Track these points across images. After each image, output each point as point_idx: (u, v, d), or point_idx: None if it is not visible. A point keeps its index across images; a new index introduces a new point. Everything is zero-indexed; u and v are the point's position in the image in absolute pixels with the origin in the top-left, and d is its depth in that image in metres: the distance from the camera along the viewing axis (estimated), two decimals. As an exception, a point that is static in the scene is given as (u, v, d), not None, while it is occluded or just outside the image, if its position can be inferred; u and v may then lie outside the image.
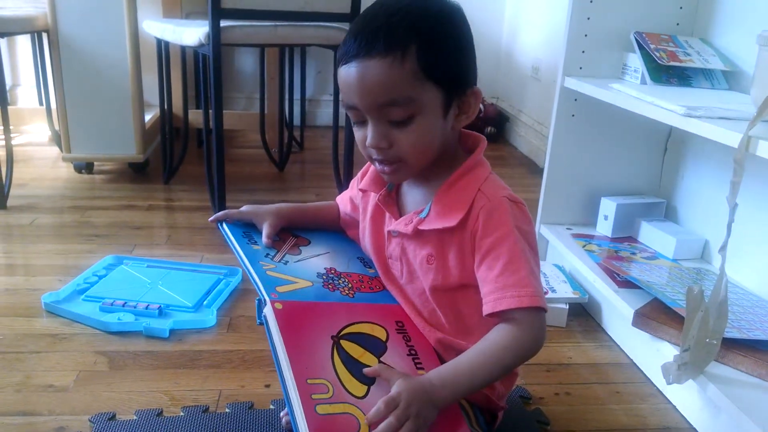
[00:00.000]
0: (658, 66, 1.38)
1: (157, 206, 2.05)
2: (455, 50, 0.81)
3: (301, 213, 1.03)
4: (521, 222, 0.81)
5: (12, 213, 1.90)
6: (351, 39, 0.79)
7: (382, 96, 0.78)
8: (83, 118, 2.14)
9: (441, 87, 0.79)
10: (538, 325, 0.78)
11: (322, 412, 0.70)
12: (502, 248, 0.79)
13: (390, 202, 0.92)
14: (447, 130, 0.83)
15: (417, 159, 0.82)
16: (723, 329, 0.98)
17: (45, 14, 2.04)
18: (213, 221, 0.99)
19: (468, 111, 0.84)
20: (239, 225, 0.98)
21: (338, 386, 0.74)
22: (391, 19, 0.78)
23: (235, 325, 1.33)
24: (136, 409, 1.04)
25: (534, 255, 0.82)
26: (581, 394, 1.16)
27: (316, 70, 3.22)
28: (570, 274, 1.50)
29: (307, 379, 0.73)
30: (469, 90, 0.83)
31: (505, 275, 0.78)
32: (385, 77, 0.77)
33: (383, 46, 0.76)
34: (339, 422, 0.71)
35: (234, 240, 0.94)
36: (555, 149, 1.57)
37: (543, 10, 2.87)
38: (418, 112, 0.79)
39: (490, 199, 0.81)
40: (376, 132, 0.80)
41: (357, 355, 0.79)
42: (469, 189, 0.83)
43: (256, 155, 2.63)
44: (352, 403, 0.73)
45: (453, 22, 0.81)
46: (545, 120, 2.71)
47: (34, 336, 1.25)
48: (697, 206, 1.47)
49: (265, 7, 1.73)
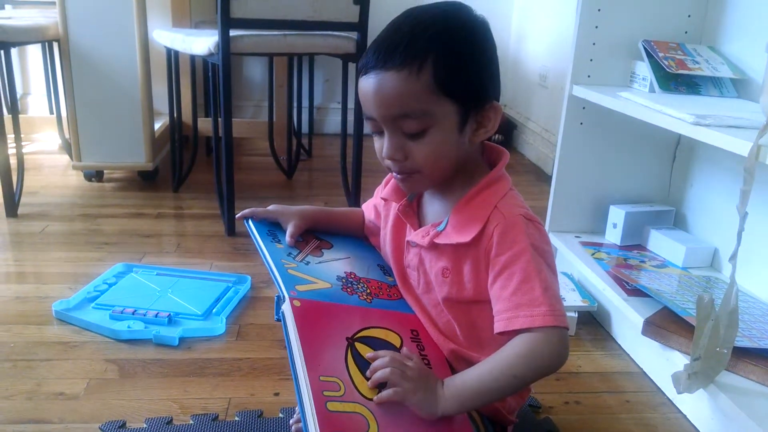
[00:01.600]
0: (666, 74, 1.38)
1: (167, 214, 2.06)
2: (474, 65, 0.80)
3: (326, 216, 1.03)
4: (537, 240, 0.80)
5: (23, 221, 1.92)
6: (371, 50, 0.80)
7: (396, 108, 0.78)
8: (93, 127, 2.15)
9: (456, 102, 0.79)
10: (556, 340, 0.76)
11: (332, 409, 0.71)
12: (516, 266, 0.78)
13: (410, 212, 0.91)
14: (464, 143, 0.83)
15: (432, 171, 0.83)
16: (734, 338, 0.97)
17: (56, 24, 2.06)
18: (240, 218, 1.00)
19: (487, 125, 0.83)
20: (265, 223, 1.00)
21: (350, 386, 0.74)
22: (412, 32, 0.78)
23: (244, 333, 1.33)
24: (146, 417, 1.05)
25: (552, 274, 0.80)
26: (591, 403, 1.16)
27: (324, 79, 3.24)
28: (579, 282, 1.50)
29: (320, 376, 0.73)
30: (488, 105, 0.82)
31: (518, 294, 0.77)
32: (399, 90, 0.77)
33: (400, 59, 0.77)
34: (348, 421, 0.71)
35: (258, 237, 0.95)
36: (563, 157, 1.57)
37: (550, 18, 2.88)
38: (433, 125, 0.79)
39: (505, 217, 0.80)
40: (391, 143, 0.81)
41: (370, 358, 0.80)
42: (485, 205, 0.82)
43: (265, 163, 2.64)
44: (362, 404, 0.73)
45: (474, 37, 0.81)
46: (553, 127, 2.71)
47: (45, 344, 1.26)
48: (706, 214, 1.47)
49: (274, 17, 1.74)
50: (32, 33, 2.06)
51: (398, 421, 0.74)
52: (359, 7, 1.82)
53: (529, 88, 3.05)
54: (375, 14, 1.85)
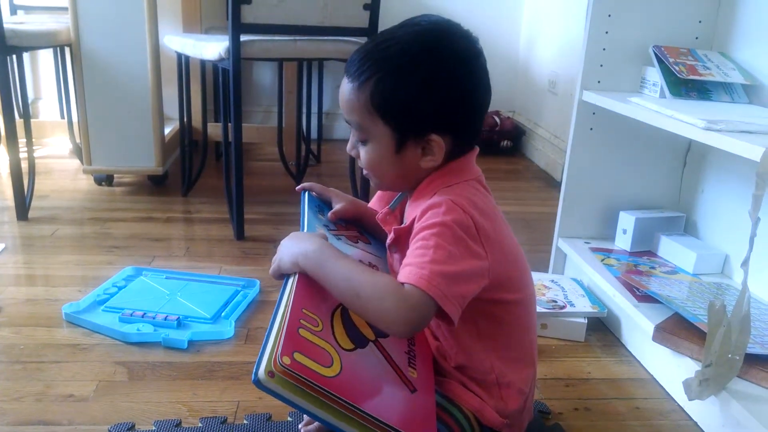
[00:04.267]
0: (677, 80, 1.38)
1: (176, 218, 2.07)
2: (416, 94, 0.80)
3: (373, 216, 1.02)
4: (455, 222, 0.78)
5: (33, 224, 1.93)
6: (351, 54, 0.85)
7: (345, 113, 0.86)
8: (104, 131, 2.17)
9: (389, 125, 0.82)
10: (413, 302, 0.74)
11: (302, 334, 0.70)
12: (422, 234, 0.78)
13: (390, 220, 0.93)
14: (411, 165, 0.84)
15: (377, 177, 0.89)
16: (745, 345, 0.97)
17: (68, 29, 2.07)
18: (299, 189, 1.03)
19: (432, 155, 0.83)
20: (317, 200, 1.03)
21: (328, 329, 0.75)
22: (372, 48, 0.82)
23: (253, 336, 1.33)
24: (155, 420, 1.05)
25: (453, 258, 0.76)
26: (601, 409, 1.15)
27: (334, 84, 3.24)
28: (588, 288, 1.49)
29: (303, 308, 0.74)
30: (428, 135, 0.82)
31: (410, 256, 0.78)
32: (346, 98, 0.84)
33: (353, 71, 0.83)
34: (313, 348, 0.70)
35: (306, 206, 0.98)
36: (573, 163, 1.56)
37: (560, 24, 2.88)
38: (370, 140, 0.85)
39: (435, 198, 0.81)
40: (350, 140, 0.89)
41: (358, 324, 0.80)
42: (429, 192, 0.84)
43: (274, 168, 2.64)
44: (333, 347, 0.73)
45: (429, 66, 0.80)
46: (562, 133, 2.70)
47: (55, 346, 1.26)
48: (717, 220, 1.46)
49: (284, 22, 1.75)
50: (44, 38, 2.08)
51: (364, 373, 0.74)
52: (369, 13, 1.83)
53: (539, 95, 3.05)
54: (385, 20, 1.85)
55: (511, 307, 0.88)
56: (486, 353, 0.87)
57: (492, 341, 0.87)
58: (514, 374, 0.89)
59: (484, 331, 0.87)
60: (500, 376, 0.88)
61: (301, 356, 0.67)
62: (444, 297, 0.74)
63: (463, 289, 0.77)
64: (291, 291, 0.76)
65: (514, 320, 0.89)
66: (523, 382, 0.90)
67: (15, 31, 1.87)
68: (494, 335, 0.88)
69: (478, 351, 0.87)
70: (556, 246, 1.62)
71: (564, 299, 1.42)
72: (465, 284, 0.77)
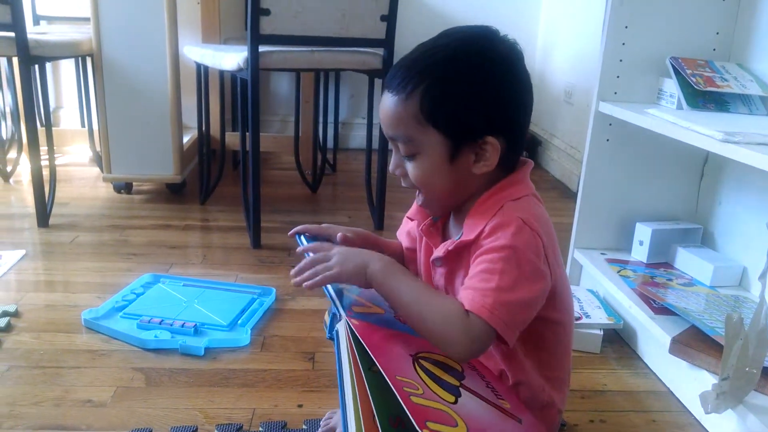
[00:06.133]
0: (694, 91, 1.38)
1: (194, 226, 2.09)
2: (464, 99, 0.79)
3: (374, 240, 1.01)
4: (523, 247, 0.77)
5: (54, 231, 1.96)
6: (391, 69, 0.83)
7: (389, 129, 0.83)
8: (124, 140, 2.20)
9: (442, 133, 0.80)
10: (476, 332, 0.75)
11: (416, 402, 0.68)
12: (488, 257, 0.77)
13: (434, 232, 0.92)
14: (464, 173, 0.83)
15: (429, 192, 0.85)
16: (763, 358, 0.96)
17: (90, 39, 2.11)
18: (292, 234, 0.99)
19: (486, 159, 0.82)
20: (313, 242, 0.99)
21: (427, 389, 0.72)
22: (416, 58, 0.81)
23: (269, 344, 1.34)
24: (172, 426, 1.06)
25: (520, 285, 0.76)
26: (616, 422, 1.14)
27: (350, 94, 3.26)
28: (604, 299, 1.49)
29: (396, 375, 0.71)
30: (482, 140, 0.81)
31: (474, 279, 0.77)
32: (392, 113, 0.81)
33: (397, 84, 0.81)
34: (435, 414, 0.68)
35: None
36: (589, 174, 1.56)
37: (576, 34, 2.88)
38: (420, 152, 0.82)
39: (504, 215, 0.80)
40: (393, 159, 0.86)
41: (438, 373, 0.78)
42: (494, 205, 0.82)
43: (290, 177, 2.66)
44: (444, 405, 0.71)
45: (476, 71, 0.80)
46: (578, 144, 2.70)
47: (74, 351, 1.28)
48: (735, 232, 1.45)
49: (302, 33, 1.76)
50: (66, 48, 2.11)
51: (481, 421, 0.73)
52: (386, 24, 1.84)
53: (555, 105, 3.05)
54: (402, 31, 1.87)
55: (558, 328, 0.88)
56: (533, 372, 0.88)
57: (538, 360, 0.88)
58: (556, 393, 0.89)
59: (532, 350, 0.87)
60: (549, 395, 0.88)
61: (434, 425, 0.66)
62: (505, 326, 0.75)
63: (525, 316, 0.78)
64: (348, 368, 0.73)
65: (558, 341, 0.90)
66: (561, 403, 0.90)
67: (38, 41, 1.90)
68: (540, 354, 0.88)
69: (529, 370, 0.87)
70: (572, 257, 1.62)
71: (580, 310, 1.41)
72: (527, 311, 0.78)
